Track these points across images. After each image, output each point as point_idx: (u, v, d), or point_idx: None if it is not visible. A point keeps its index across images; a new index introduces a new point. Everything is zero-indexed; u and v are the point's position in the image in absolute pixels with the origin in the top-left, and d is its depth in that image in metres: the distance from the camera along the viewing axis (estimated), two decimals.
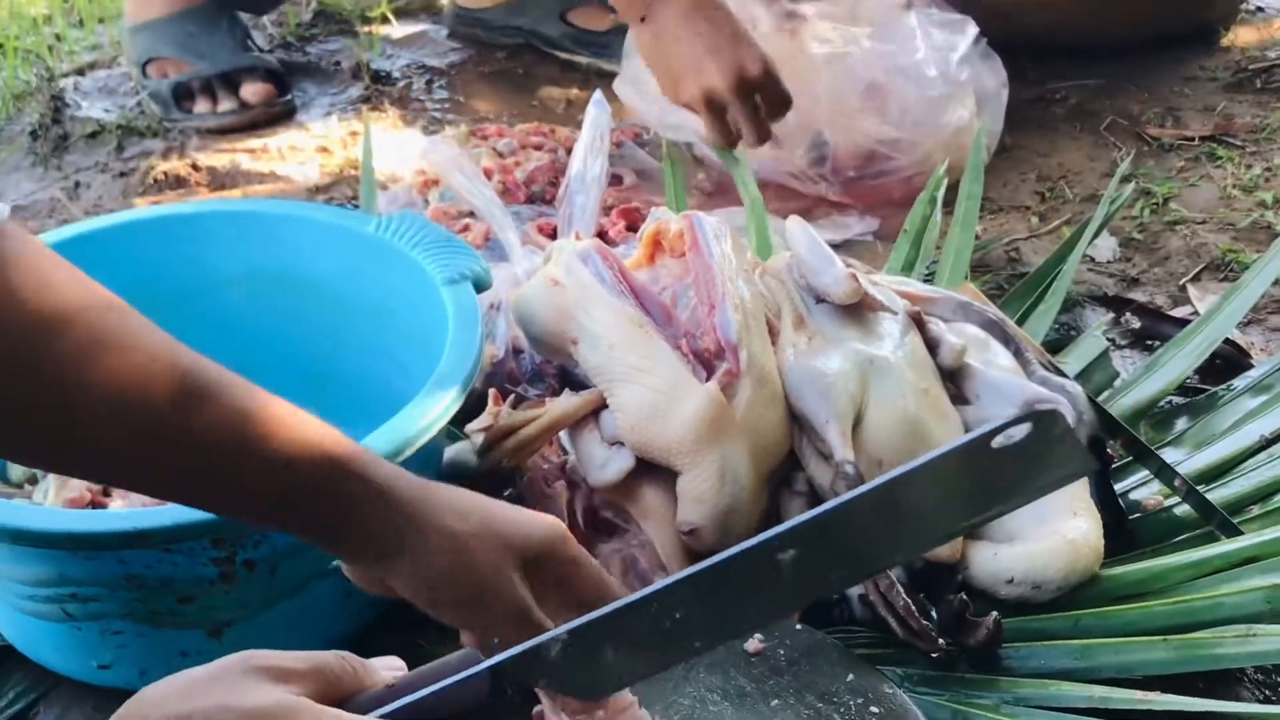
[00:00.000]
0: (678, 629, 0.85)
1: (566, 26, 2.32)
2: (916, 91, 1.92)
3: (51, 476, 1.37)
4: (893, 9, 1.99)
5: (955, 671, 1.21)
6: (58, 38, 2.44)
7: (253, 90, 2.17)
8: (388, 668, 0.88)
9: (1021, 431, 0.79)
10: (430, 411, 1.21)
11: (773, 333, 1.32)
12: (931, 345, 1.35)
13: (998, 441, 0.79)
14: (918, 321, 1.36)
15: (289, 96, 2.20)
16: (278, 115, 2.18)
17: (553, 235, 1.82)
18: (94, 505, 1.35)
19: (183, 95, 2.17)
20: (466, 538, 1.00)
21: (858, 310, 1.34)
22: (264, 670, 0.81)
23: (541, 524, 1.02)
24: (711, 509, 1.24)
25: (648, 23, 1.82)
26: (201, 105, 2.17)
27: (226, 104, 2.17)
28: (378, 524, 0.98)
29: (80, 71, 2.33)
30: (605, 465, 1.28)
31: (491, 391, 1.40)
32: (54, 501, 1.34)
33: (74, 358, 0.89)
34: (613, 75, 2.22)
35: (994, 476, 0.82)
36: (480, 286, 1.37)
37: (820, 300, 1.35)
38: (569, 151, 2.03)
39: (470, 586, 0.99)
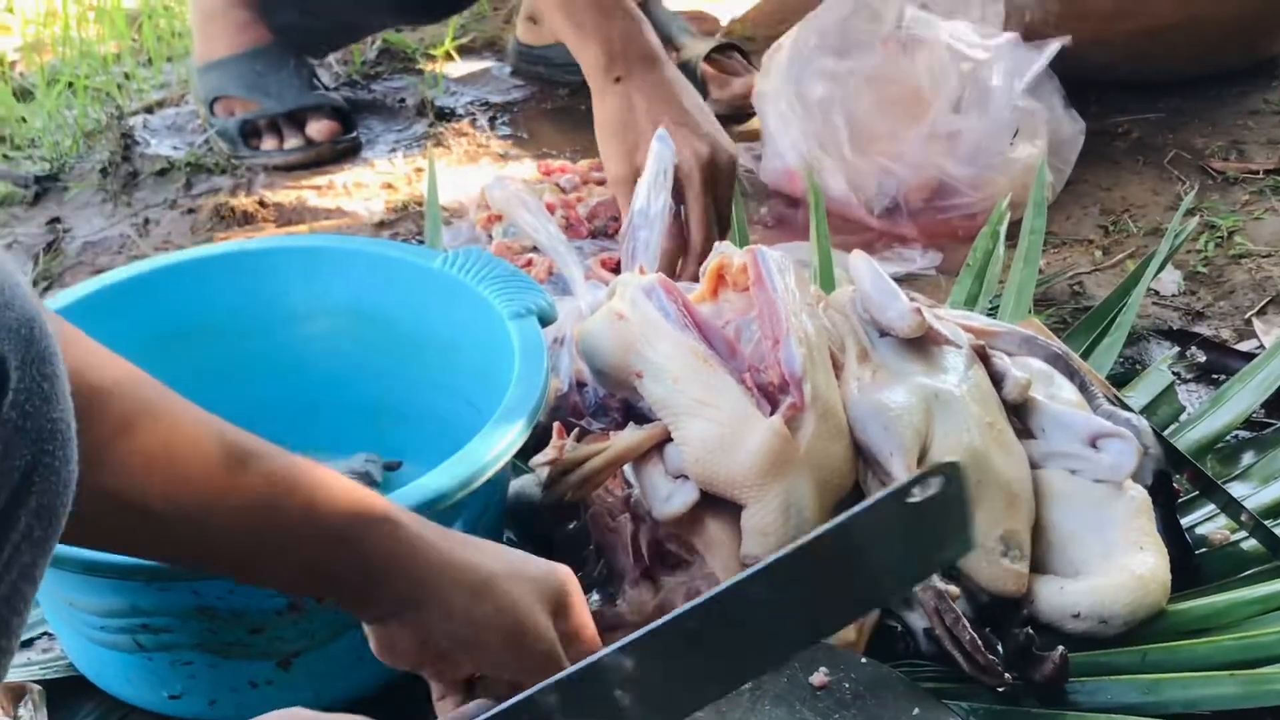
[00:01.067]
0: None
1: None
2: (988, 125, 1.92)
3: None
4: (979, 39, 1.99)
5: (1021, 706, 1.20)
6: (126, 76, 2.48)
7: (318, 128, 2.20)
8: None
9: (935, 485, 0.79)
10: (497, 445, 1.22)
11: (836, 367, 1.32)
12: (996, 379, 1.35)
13: (914, 497, 0.79)
14: (982, 355, 1.36)
15: (354, 134, 2.23)
16: (343, 152, 2.20)
17: (616, 270, 1.83)
18: None
19: (249, 133, 2.20)
20: (502, 579, 1.02)
21: (922, 344, 1.34)
22: None
23: (557, 568, 1.05)
24: (776, 542, 1.24)
25: (622, 83, 1.72)
26: (268, 143, 2.20)
27: (293, 141, 2.19)
28: (409, 575, 1.00)
29: (149, 109, 2.36)
30: (670, 499, 1.28)
31: (556, 425, 1.41)
32: None
33: (115, 429, 0.91)
34: None
35: (914, 535, 0.82)
36: (545, 321, 1.38)
37: (884, 334, 1.36)
38: None
39: (511, 626, 1.01)
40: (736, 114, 2.23)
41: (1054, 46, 2.01)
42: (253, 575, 1.04)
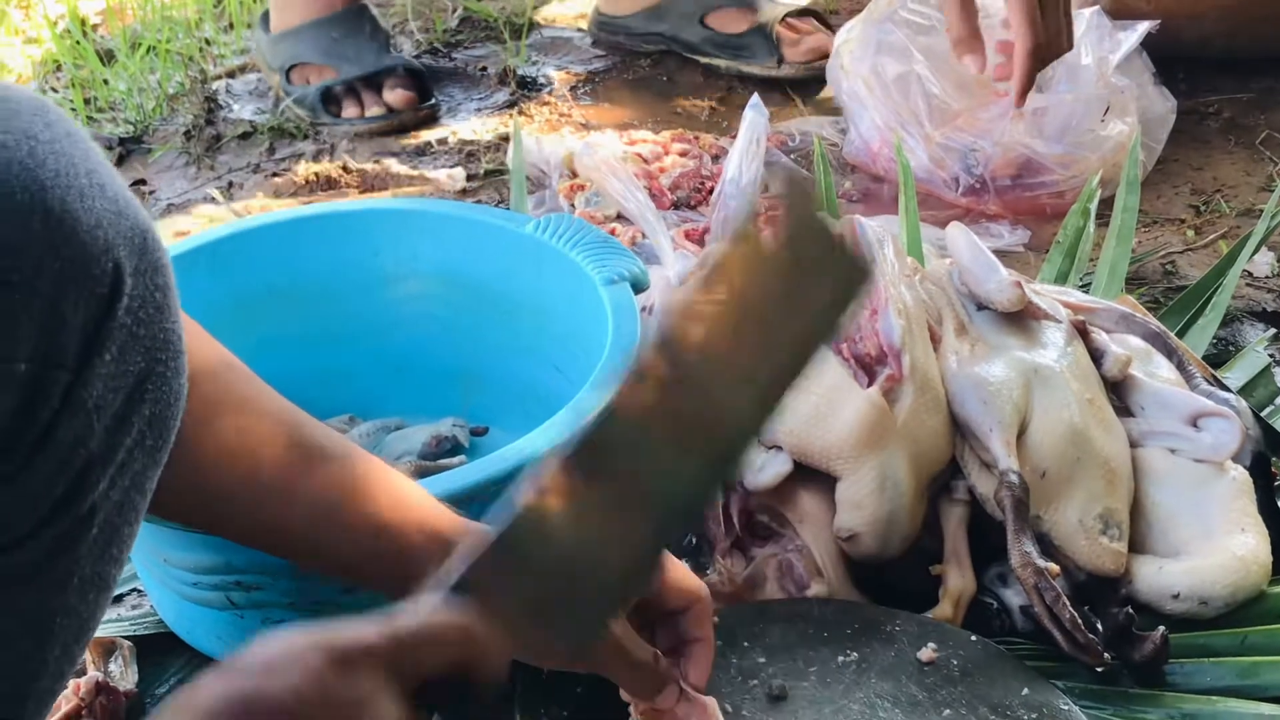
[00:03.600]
0: None
1: (706, 30, 2.32)
2: (1077, 101, 1.90)
3: None
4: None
5: (1119, 686, 1.19)
6: (207, 42, 2.48)
7: (395, 96, 2.19)
8: None
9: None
10: (592, 410, 1.21)
11: (934, 339, 1.30)
12: (1096, 355, 1.33)
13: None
14: (1081, 331, 1.34)
15: (433, 100, 2.22)
16: (424, 118, 2.19)
17: (699, 240, 1.82)
18: None
19: (329, 100, 2.20)
20: None
21: (1020, 318, 1.33)
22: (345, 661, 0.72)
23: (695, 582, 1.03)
24: (871, 515, 1.23)
25: None
26: (349, 110, 2.19)
27: (374, 108, 2.19)
28: None
29: (231, 75, 2.36)
30: (763, 469, 1.27)
31: None
32: None
33: (199, 416, 0.90)
34: (752, 78, 2.23)
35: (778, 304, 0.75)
36: (638, 288, 1.37)
37: (981, 307, 1.34)
38: (714, 158, 2.03)
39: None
40: (810, 76, 2.23)
41: (1144, 27, 1.98)
42: (316, 566, 1.04)
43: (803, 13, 2.33)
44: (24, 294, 0.70)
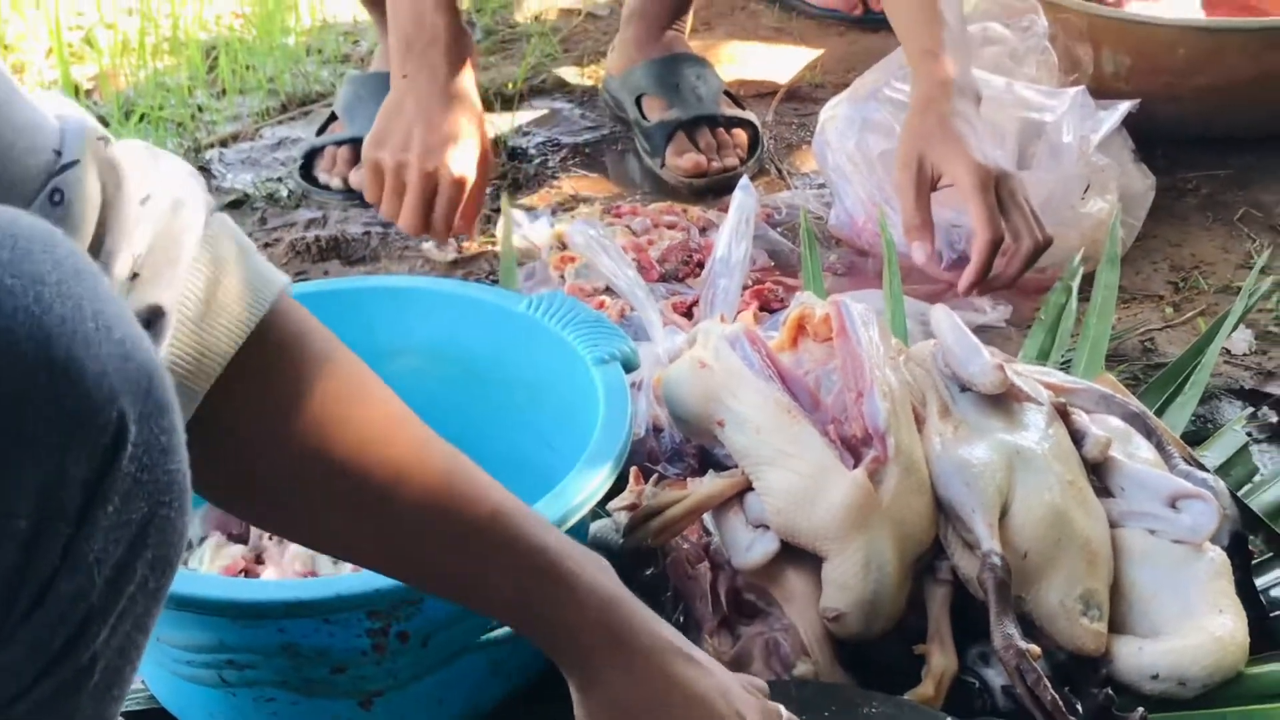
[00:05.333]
0: None
1: (638, 109, 2.32)
2: (1058, 180, 1.93)
3: (208, 543, 1.40)
4: (1048, 91, 2.00)
5: None
6: (199, 108, 2.51)
7: None
8: None
9: None
10: (584, 489, 1.23)
11: (918, 421, 1.33)
12: (1076, 437, 1.35)
13: None
14: (1062, 413, 1.37)
15: None
16: None
17: (687, 313, 1.84)
18: (246, 574, 1.38)
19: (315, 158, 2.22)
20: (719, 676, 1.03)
21: (1003, 400, 1.35)
22: None
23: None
24: (857, 595, 1.25)
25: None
26: (334, 178, 2.20)
27: (357, 177, 2.18)
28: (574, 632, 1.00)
29: (224, 143, 2.39)
30: (750, 548, 1.29)
31: (633, 470, 1.42)
32: (209, 568, 1.38)
33: (336, 399, 0.93)
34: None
35: None
36: (629, 367, 1.39)
37: (965, 389, 1.36)
38: (701, 231, 2.06)
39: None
40: (684, 187, 2.22)
41: (1124, 107, 2.01)
42: (432, 582, 1.04)
43: (740, 122, 2.30)
44: (27, 448, 0.69)
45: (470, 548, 0.99)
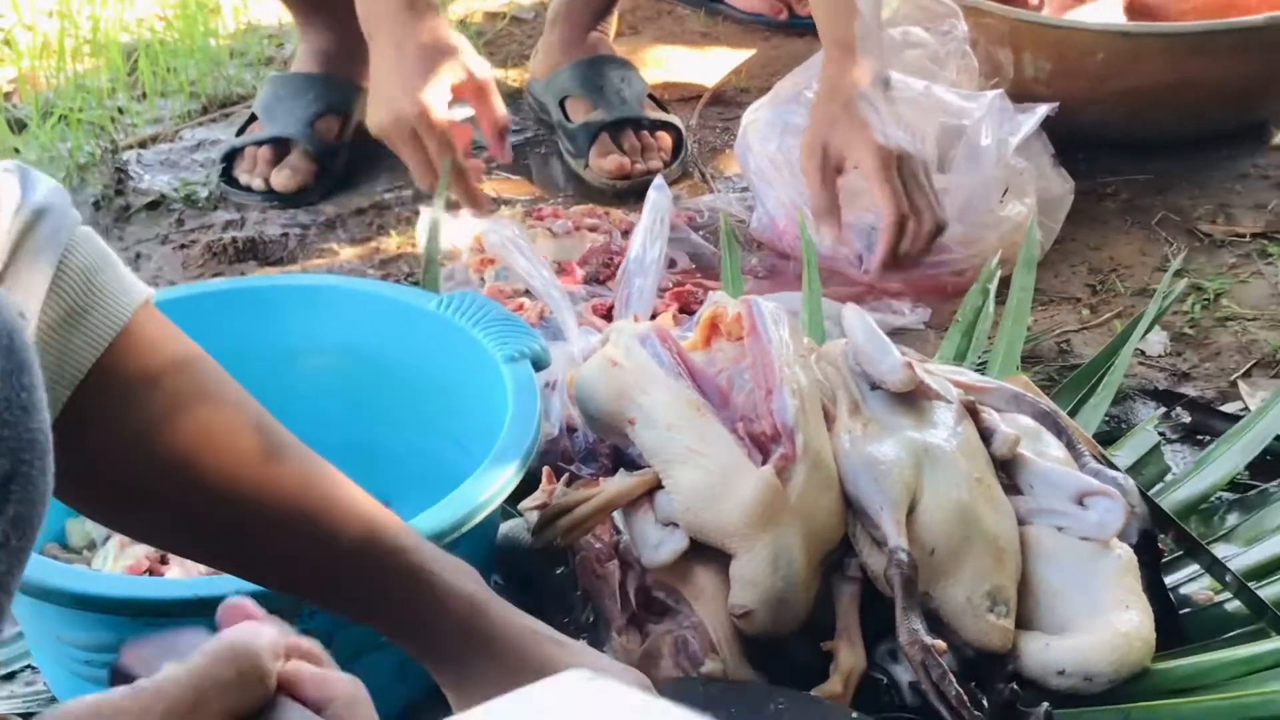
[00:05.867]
0: None
1: (561, 111, 2.32)
2: (977, 182, 1.94)
3: (112, 543, 1.39)
4: (967, 94, 2.01)
5: None
6: (120, 110, 2.48)
7: (295, 166, 2.19)
8: None
9: None
10: (490, 487, 1.23)
11: (828, 419, 1.33)
12: (985, 435, 1.36)
13: None
14: (971, 411, 1.37)
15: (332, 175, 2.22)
16: (330, 191, 2.19)
17: (607, 315, 1.84)
18: (151, 573, 1.37)
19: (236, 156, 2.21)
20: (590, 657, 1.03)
21: (912, 398, 1.35)
22: None
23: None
24: (764, 592, 1.24)
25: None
26: (255, 179, 2.19)
27: (278, 177, 2.17)
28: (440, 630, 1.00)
29: (143, 144, 2.37)
30: (659, 546, 1.29)
31: (545, 469, 1.41)
32: (113, 568, 1.36)
33: (167, 409, 0.93)
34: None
35: None
36: (539, 365, 1.39)
37: (875, 387, 1.36)
38: (624, 233, 2.06)
39: None
40: (608, 189, 2.22)
41: (1043, 110, 2.03)
42: (263, 578, 1.04)
43: (664, 125, 2.30)
44: None
45: (327, 550, 1.00)
